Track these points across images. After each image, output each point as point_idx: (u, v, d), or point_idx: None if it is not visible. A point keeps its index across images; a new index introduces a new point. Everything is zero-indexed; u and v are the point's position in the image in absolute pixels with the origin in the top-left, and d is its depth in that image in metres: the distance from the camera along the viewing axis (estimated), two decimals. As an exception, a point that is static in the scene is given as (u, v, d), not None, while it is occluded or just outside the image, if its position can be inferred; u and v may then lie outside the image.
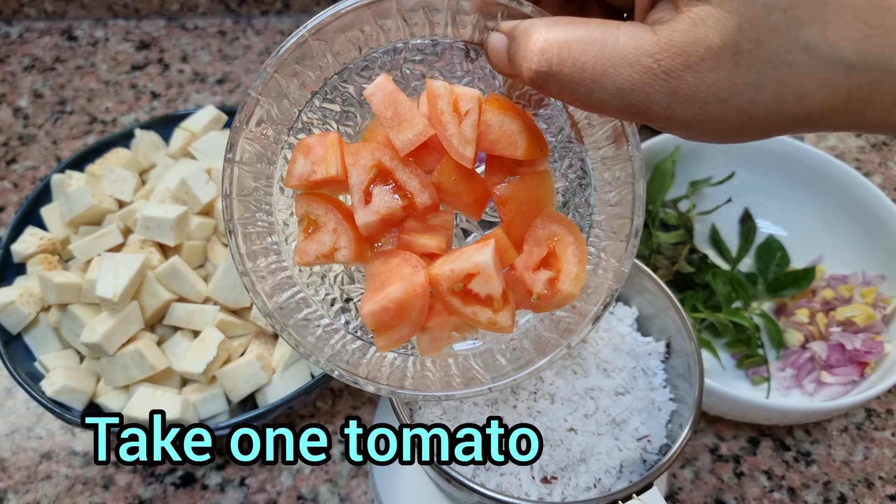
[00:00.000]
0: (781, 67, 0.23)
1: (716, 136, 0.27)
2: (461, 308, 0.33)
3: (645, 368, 0.46)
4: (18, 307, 0.53)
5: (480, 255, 0.32)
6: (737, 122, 0.25)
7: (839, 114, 0.24)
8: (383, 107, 0.33)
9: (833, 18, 0.22)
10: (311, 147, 0.33)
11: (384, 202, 0.33)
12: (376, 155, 0.33)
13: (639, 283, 0.47)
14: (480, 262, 0.32)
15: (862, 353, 0.59)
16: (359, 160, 0.33)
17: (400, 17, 0.36)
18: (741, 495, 0.58)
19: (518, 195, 0.34)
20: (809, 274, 0.66)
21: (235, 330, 0.54)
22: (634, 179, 0.34)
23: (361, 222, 0.33)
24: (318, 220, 0.34)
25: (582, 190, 0.38)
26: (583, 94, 0.27)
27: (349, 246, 0.33)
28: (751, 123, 0.25)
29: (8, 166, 0.78)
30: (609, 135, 0.35)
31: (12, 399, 0.61)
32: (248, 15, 0.96)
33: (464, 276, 0.32)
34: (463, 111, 0.33)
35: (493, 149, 0.33)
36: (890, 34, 0.22)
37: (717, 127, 0.26)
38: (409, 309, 0.32)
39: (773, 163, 0.69)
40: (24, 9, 0.93)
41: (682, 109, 0.25)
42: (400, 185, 0.33)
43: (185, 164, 0.59)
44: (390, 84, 0.33)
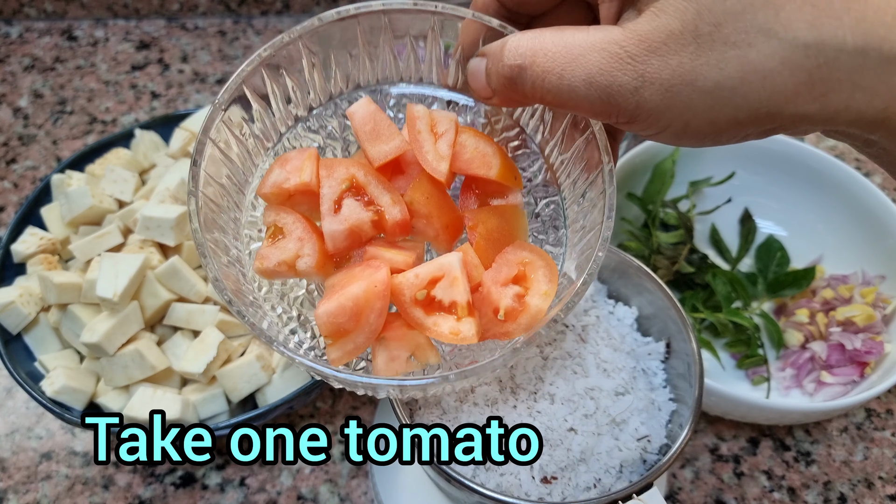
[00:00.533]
0: (742, 47, 0.24)
1: (686, 131, 0.27)
2: (423, 319, 0.31)
3: (645, 368, 0.46)
4: (18, 307, 0.53)
5: (447, 258, 0.31)
6: (704, 106, 0.25)
7: (803, 98, 0.24)
8: (363, 122, 0.33)
9: (784, 3, 0.23)
10: (289, 159, 0.33)
11: (353, 213, 0.32)
12: (351, 170, 0.33)
13: (639, 284, 0.47)
14: (446, 264, 0.31)
15: (862, 353, 0.59)
16: (333, 172, 0.33)
17: (387, 48, 0.36)
18: (741, 495, 0.58)
19: (490, 221, 0.34)
20: (809, 274, 0.66)
21: (235, 330, 0.54)
22: (604, 218, 0.32)
23: (328, 230, 0.32)
24: (285, 227, 0.33)
25: (555, 230, 0.37)
26: (555, 82, 0.27)
27: (313, 255, 0.32)
28: (718, 109, 0.25)
29: (8, 166, 0.78)
30: (584, 174, 0.35)
31: (12, 399, 0.61)
32: (248, 15, 0.96)
33: (428, 282, 0.31)
34: (440, 132, 0.33)
35: (468, 168, 0.34)
36: (839, 16, 0.23)
37: (686, 114, 0.26)
38: (367, 311, 0.30)
39: (773, 163, 0.69)
40: (24, 9, 0.93)
41: (649, 93, 0.26)
42: (371, 199, 0.33)
43: (185, 164, 0.59)
44: (372, 105, 0.34)
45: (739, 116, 0.26)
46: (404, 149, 0.33)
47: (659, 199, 0.67)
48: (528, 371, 0.42)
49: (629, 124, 0.28)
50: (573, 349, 0.44)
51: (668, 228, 0.67)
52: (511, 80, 0.29)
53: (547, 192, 0.38)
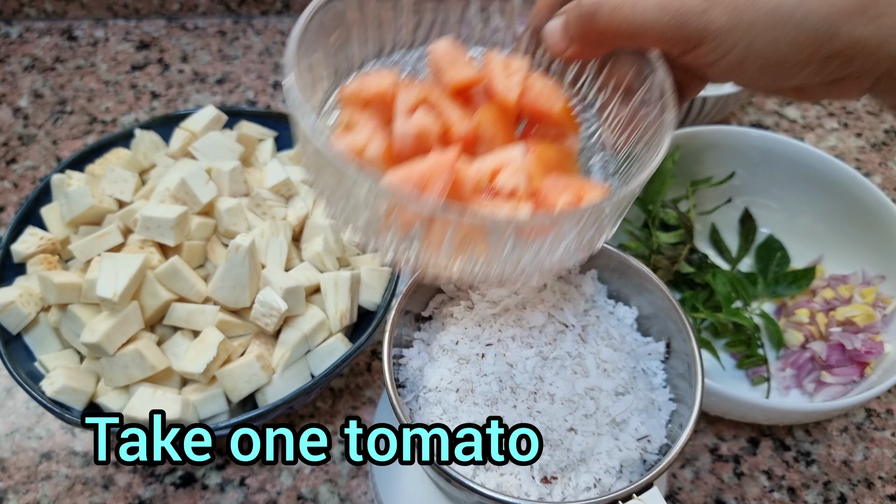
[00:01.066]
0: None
1: (748, 55, 0.29)
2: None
3: (645, 368, 0.46)
4: (18, 307, 0.53)
5: (510, 150, 0.33)
6: (766, 24, 0.27)
7: (858, 18, 0.26)
8: (444, 53, 0.37)
9: None
10: (370, 74, 0.36)
11: (424, 119, 0.34)
12: (426, 89, 0.35)
13: (639, 284, 0.47)
14: (509, 156, 0.33)
15: (862, 353, 0.59)
16: (410, 89, 0.35)
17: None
18: (741, 495, 0.58)
19: (546, 151, 0.36)
20: (809, 274, 0.66)
21: (235, 330, 0.54)
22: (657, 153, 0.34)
23: (399, 129, 0.34)
24: (358, 122, 0.35)
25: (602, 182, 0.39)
26: (629, 11, 0.30)
27: (381, 146, 0.34)
28: (779, 28, 0.27)
29: (8, 166, 0.78)
30: (643, 132, 0.37)
31: (12, 399, 0.61)
32: (248, 15, 0.96)
33: (490, 173, 0.33)
34: (513, 70, 0.37)
35: (535, 102, 0.37)
36: None
37: (749, 35, 0.28)
38: (432, 180, 0.32)
39: (774, 163, 0.69)
40: (24, 9, 0.93)
41: (716, 13, 0.28)
42: (442, 113, 0.35)
43: (185, 164, 0.59)
44: (454, 42, 0.37)
45: (799, 38, 0.27)
46: (479, 78, 0.36)
47: (659, 199, 0.67)
48: (527, 371, 0.42)
49: (696, 49, 0.30)
50: (573, 349, 0.44)
51: (668, 228, 0.67)
52: (588, 19, 0.32)
53: (601, 151, 0.41)
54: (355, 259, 0.60)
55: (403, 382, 0.45)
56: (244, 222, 0.57)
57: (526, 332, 0.44)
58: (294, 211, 0.59)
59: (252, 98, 0.86)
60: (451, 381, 0.42)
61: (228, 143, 0.61)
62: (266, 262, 0.55)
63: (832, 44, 0.27)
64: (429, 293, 0.48)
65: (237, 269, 0.52)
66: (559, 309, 0.45)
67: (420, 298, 0.47)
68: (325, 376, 0.51)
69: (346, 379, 0.63)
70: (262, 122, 0.67)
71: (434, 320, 0.47)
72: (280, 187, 0.59)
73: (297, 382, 0.53)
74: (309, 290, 0.55)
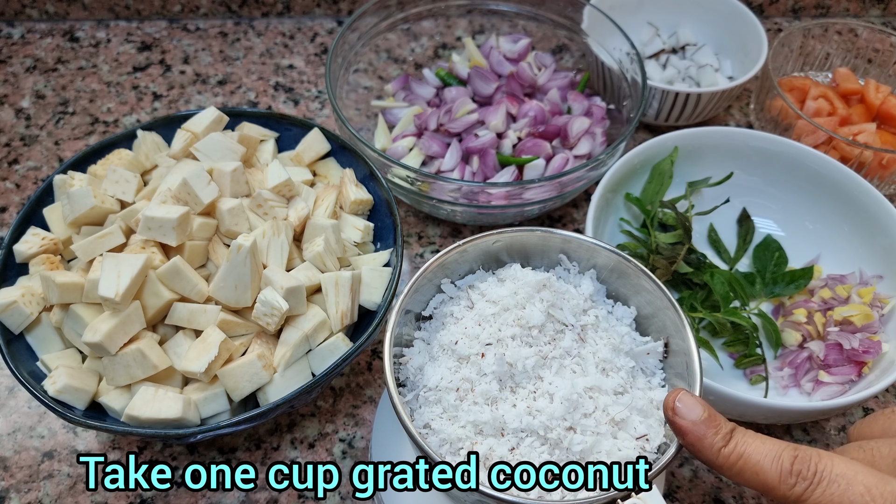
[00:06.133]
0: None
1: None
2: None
3: (644, 368, 0.46)
4: (20, 307, 0.53)
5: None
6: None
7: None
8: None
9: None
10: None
11: None
12: None
13: (637, 283, 0.47)
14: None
15: (860, 352, 0.59)
16: None
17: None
18: (739, 493, 0.58)
19: None
20: (807, 274, 0.66)
21: (237, 329, 0.54)
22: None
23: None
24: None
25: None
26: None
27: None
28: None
29: (10, 167, 0.79)
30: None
31: (14, 398, 0.62)
32: (250, 16, 0.97)
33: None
34: None
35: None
36: None
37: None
38: None
39: (771, 163, 0.70)
40: (26, 10, 0.93)
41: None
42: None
43: (187, 165, 0.60)
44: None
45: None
46: None
47: (657, 200, 0.67)
48: (527, 370, 0.42)
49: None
50: (572, 348, 0.44)
51: (666, 229, 0.67)
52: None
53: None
54: (356, 259, 0.60)
55: (404, 381, 0.45)
56: (245, 222, 0.58)
57: (525, 331, 0.44)
58: (295, 211, 0.59)
59: (253, 99, 0.87)
60: (451, 380, 0.43)
61: (230, 143, 0.61)
62: (267, 262, 0.55)
63: None
64: (429, 293, 0.48)
65: (239, 269, 0.52)
66: (558, 308, 0.45)
67: (420, 298, 0.47)
68: (326, 375, 0.51)
69: (347, 378, 0.64)
70: (264, 123, 0.67)
71: (434, 320, 0.47)
72: (281, 188, 0.59)
73: (299, 381, 0.53)
74: (310, 290, 0.55)
